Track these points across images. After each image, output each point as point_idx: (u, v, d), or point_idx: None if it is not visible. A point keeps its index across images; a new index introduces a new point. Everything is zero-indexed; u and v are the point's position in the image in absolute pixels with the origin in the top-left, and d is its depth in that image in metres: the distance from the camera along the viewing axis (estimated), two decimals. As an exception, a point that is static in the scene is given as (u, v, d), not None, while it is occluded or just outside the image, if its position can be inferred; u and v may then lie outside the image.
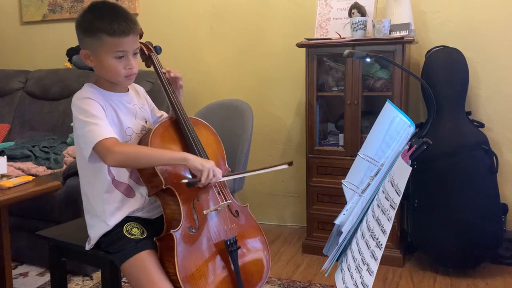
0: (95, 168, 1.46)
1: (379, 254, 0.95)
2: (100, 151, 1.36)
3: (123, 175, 1.49)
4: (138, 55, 1.50)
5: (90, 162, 1.42)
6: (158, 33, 3.06)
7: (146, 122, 1.59)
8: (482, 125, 2.53)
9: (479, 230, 2.33)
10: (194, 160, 1.39)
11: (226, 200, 1.50)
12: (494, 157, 2.41)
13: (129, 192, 1.50)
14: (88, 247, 1.53)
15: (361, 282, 1.00)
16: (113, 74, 1.45)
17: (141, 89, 1.66)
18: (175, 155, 1.43)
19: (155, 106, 1.70)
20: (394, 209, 0.94)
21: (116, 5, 1.46)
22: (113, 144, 1.37)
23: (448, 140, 2.40)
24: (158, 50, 1.66)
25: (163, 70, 1.61)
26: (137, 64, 1.48)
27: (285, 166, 1.49)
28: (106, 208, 1.47)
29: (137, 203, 1.51)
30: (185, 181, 1.40)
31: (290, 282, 2.37)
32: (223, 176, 1.48)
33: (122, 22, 1.40)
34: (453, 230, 2.35)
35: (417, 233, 2.51)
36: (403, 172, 0.95)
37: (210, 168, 1.39)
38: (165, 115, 1.71)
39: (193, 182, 1.41)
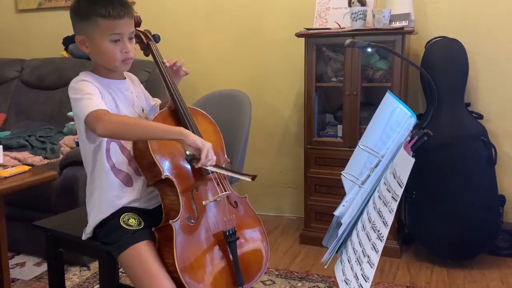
0: (95, 154, 1.45)
1: (380, 246, 0.95)
2: (91, 121, 1.34)
3: (122, 163, 1.48)
4: (134, 40, 1.49)
5: (82, 141, 1.42)
6: (154, 23, 3.01)
7: (142, 110, 1.58)
8: (481, 117, 2.52)
9: (476, 222, 2.33)
10: (194, 137, 1.34)
11: (225, 191, 1.49)
12: (492, 149, 2.40)
13: (127, 181, 1.49)
14: (84, 236, 1.52)
15: (362, 274, 1.00)
16: (110, 58, 1.44)
17: (135, 78, 1.65)
18: (172, 129, 1.36)
19: (149, 95, 1.69)
20: (396, 201, 0.94)
21: None
22: (104, 113, 1.34)
23: (447, 131, 2.39)
24: (156, 38, 1.64)
25: (164, 61, 1.59)
26: (133, 49, 1.47)
27: (248, 179, 1.48)
28: (103, 195, 1.47)
29: (135, 193, 1.50)
30: (188, 152, 1.36)
31: (287, 272, 2.38)
32: (217, 166, 1.47)
33: (117, 5, 1.40)
34: (450, 222, 2.36)
35: (415, 224, 2.52)
36: (405, 163, 0.94)
37: (209, 148, 1.36)
38: (159, 101, 1.71)
39: (194, 158, 1.36)
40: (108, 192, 1.46)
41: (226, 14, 3.06)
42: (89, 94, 1.38)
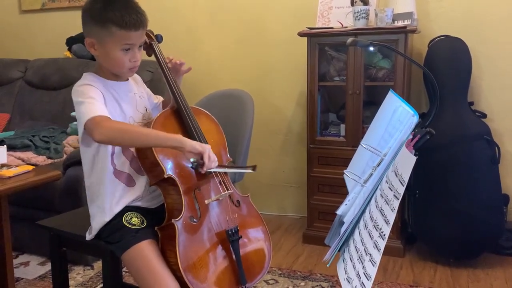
0: (98, 157, 1.46)
1: (382, 244, 0.95)
2: (90, 126, 1.33)
3: (123, 164, 1.48)
4: (142, 48, 1.49)
5: (82, 144, 1.42)
6: (157, 22, 3.02)
7: (146, 110, 1.58)
8: (485, 116, 2.52)
9: (480, 221, 2.33)
10: (192, 142, 1.36)
11: (227, 190, 1.50)
12: (496, 148, 2.40)
13: (129, 182, 1.50)
14: (88, 237, 1.52)
15: (364, 273, 1.00)
16: (118, 65, 1.44)
17: (138, 78, 1.65)
18: (170, 136, 1.37)
19: (152, 93, 1.70)
20: (398, 199, 0.94)
21: None
22: (103, 119, 1.33)
23: (450, 130, 2.39)
24: (159, 38, 1.64)
25: (167, 60, 1.59)
26: (141, 57, 1.47)
27: (249, 170, 1.51)
28: (107, 198, 1.47)
29: (137, 192, 1.50)
30: (192, 159, 1.37)
31: (290, 272, 2.38)
32: (219, 166, 1.46)
33: (133, 16, 1.38)
34: (454, 221, 2.35)
35: (418, 223, 2.51)
36: (407, 162, 0.94)
37: (209, 149, 1.38)
38: (162, 99, 1.71)
39: (198, 163, 1.37)
40: (112, 194, 1.47)
41: (228, 14, 3.06)
42: (92, 98, 1.37)
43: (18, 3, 3.61)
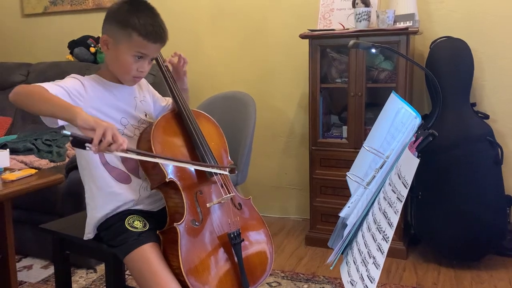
0: (88, 153, 1.43)
1: (385, 247, 0.94)
2: None
3: (114, 159, 1.46)
4: (152, 62, 1.50)
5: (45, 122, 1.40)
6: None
7: (146, 115, 1.57)
8: (487, 117, 2.51)
9: (483, 222, 2.32)
10: (86, 116, 1.19)
11: (229, 193, 1.49)
12: (499, 149, 2.39)
13: (123, 179, 1.48)
14: (85, 236, 1.52)
15: (367, 275, 0.99)
16: (124, 70, 1.45)
17: (143, 81, 1.65)
18: (68, 106, 1.24)
19: (159, 96, 1.69)
20: (401, 201, 0.93)
21: (156, 10, 1.47)
22: (31, 84, 1.35)
23: (452, 132, 2.38)
24: (159, 41, 1.64)
25: (166, 62, 1.60)
26: (148, 70, 1.48)
27: (226, 172, 1.50)
28: (99, 194, 1.47)
29: (132, 192, 1.48)
30: (66, 132, 1.14)
31: (293, 274, 2.37)
32: (137, 154, 1.37)
33: (156, 28, 1.41)
34: (457, 222, 2.34)
35: (421, 225, 2.51)
36: (410, 164, 0.94)
37: (107, 128, 1.17)
38: (170, 100, 1.69)
39: (82, 139, 1.14)
40: (103, 190, 1.46)
41: (230, 16, 3.07)
42: (57, 81, 1.39)
43: (20, 7, 3.63)
